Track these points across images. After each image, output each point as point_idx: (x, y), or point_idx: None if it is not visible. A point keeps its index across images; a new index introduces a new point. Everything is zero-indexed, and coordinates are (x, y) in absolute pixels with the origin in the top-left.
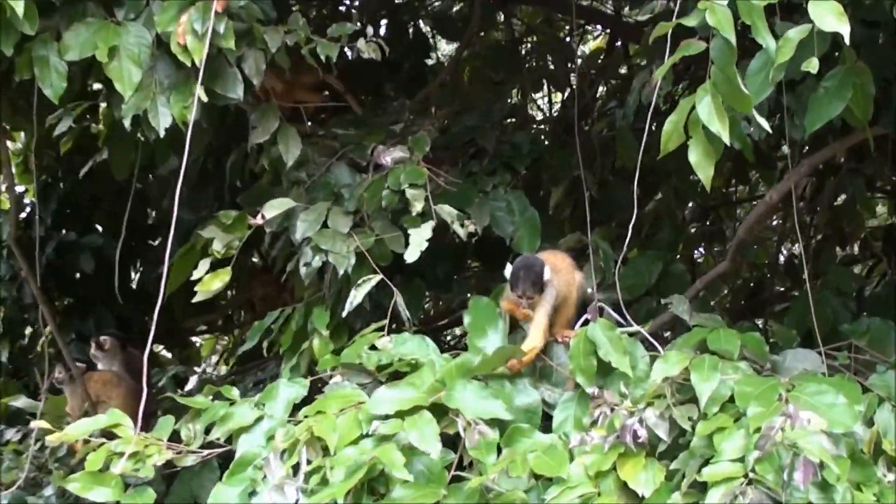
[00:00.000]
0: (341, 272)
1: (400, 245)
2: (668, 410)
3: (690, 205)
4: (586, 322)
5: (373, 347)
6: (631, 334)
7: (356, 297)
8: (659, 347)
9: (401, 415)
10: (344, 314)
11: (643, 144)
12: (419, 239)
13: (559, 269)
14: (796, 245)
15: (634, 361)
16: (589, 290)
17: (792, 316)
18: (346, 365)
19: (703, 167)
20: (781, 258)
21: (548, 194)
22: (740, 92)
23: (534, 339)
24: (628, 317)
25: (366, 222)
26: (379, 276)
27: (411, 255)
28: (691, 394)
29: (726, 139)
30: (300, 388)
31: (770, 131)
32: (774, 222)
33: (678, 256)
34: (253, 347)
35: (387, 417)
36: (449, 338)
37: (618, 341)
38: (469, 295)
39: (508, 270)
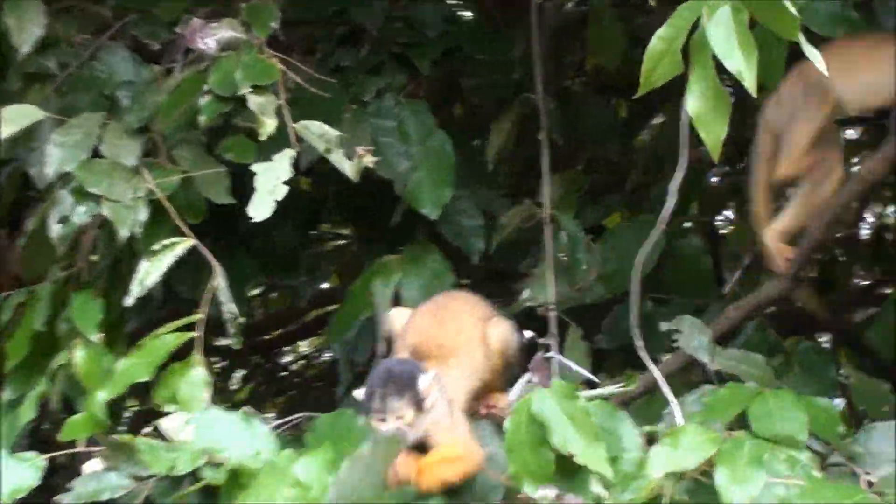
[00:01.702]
0: (123, 233)
1: (221, 191)
2: None
3: None
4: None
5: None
6: (604, 398)
7: (150, 273)
8: (674, 404)
9: None
10: (128, 302)
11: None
12: (271, 182)
13: (454, 355)
14: (890, 208)
15: (617, 446)
16: (527, 336)
17: (881, 332)
18: (110, 444)
19: (708, 124)
20: (864, 231)
21: (470, 113)
22: (782, 7)
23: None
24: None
25: (159, 150)
26: (189, 241)
27: (259, 210)
28: (714, 499)
29: (752, 86)
30: (28, 469)
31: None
32: (854, 167)
33: (690, 225)
34: None
35: None
36: (290, 360)
37: (584, 418)
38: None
39: (359, 392)
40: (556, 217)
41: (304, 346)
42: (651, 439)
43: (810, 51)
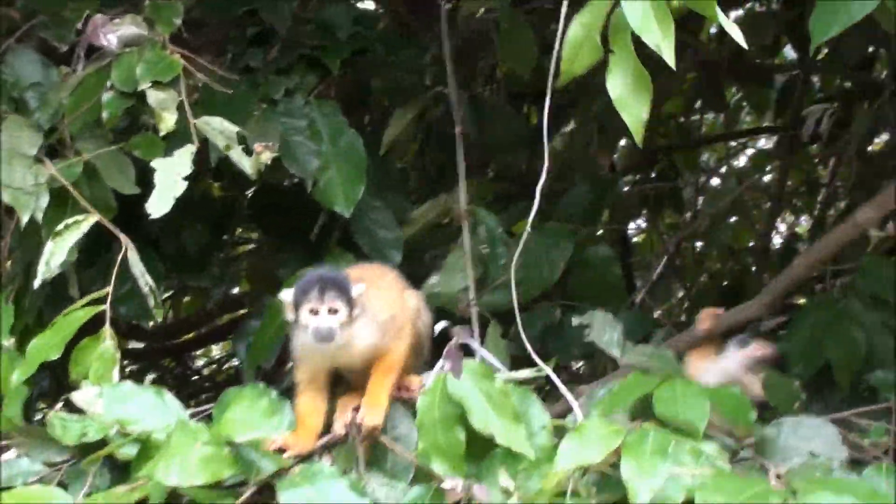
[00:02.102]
0: (24, 218)
1: (126, 180)
2: None
3: (623, 143)
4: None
5: (68, 407)
6: (520, 382)
7: (55, 253)
8: (573, 403)
9: None
10: (36, 283)
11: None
12: (171, 177)
13: (378, 287)
14: (802, 218)
15: (530, 430)
16: (443, 325)
17: (793, 343)
18: (23, 431)
19: (631, 106)
20: (777, 239)
21: (381, 115)
22: None
23: (374, 402)
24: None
25: (67, 147)
26: (93, 217)
27: (158, 206)
28: (621, 493)
29: (670, 59)
30: None
31: (745, 46)
32: (767, 177)
33: (600, 233)
34: None
35: None
36: (202, 364)
37: (503, 399)
38: (237, 290)
39: (287, 292)
40: (473, 211)
41: (215, 350)
42: (561, 430)
43: (731, 28)
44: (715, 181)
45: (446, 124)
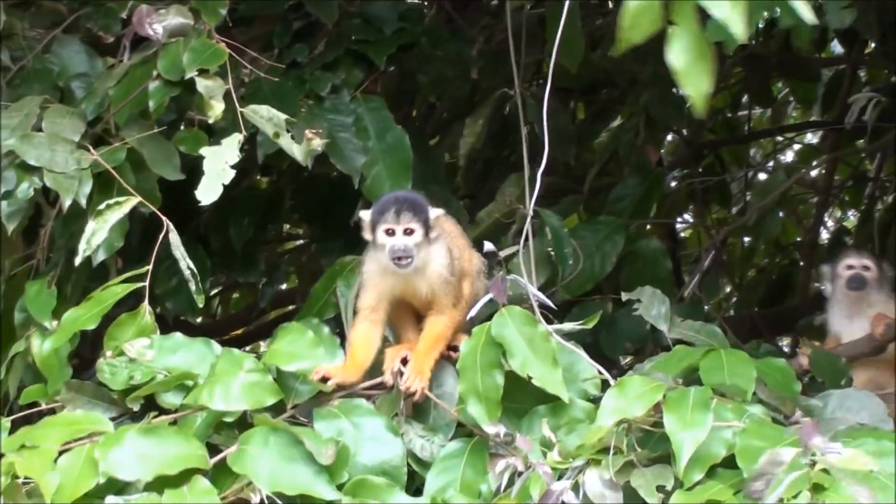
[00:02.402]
0: (66, 202)
1: (171, 167)
2: (625, 474)
3: (670, 138)
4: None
5: (120, 354)
6: (568, 336)
7: (97, 231)
8: (605, 373)
9: (162, 483)
10: (77, 260)
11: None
12: (219, 165)
13: (451, 234)
14: (850, 212)
15: (574, 383)
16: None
17: None
18: (73, 387)
19: (693, 77)
20: (824, 234)
21: (427, 110)
22: None
23: (421, 368)
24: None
25: (114, 137)
26: (134, 199)
27: (206, 194)
28: (664, 447)
29: (740, 34)
30: None
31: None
32: (814, 171)
33: (649, 228)
34: None
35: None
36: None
37: (543, 343)
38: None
39: (365, 212)
40: (538, 212)
41: (263, 347)
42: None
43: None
44: (762, 176)
45: (495, 120)
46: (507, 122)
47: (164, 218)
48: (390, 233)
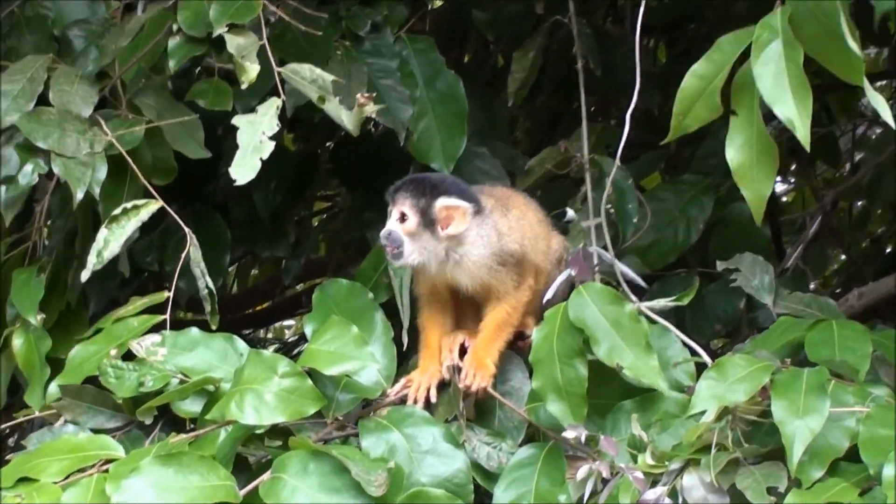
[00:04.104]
0: (78, 195)
1: (194, 144)
2: (730, 474)
3: None
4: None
5: (128, 356)
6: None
7: (110, 243)
8: (699, 349)
9: None
10: (84, 277)
11: None
12: (255, 136)
13: (513, 213)
14: None
15: (665, 372)
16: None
17: None
18: (70, 392)
19: (750, 179)
20: None
21: (483, 54)
22: (846, 48)
23: (481, 362)
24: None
25: (119, 99)
26: (156, 204)
27: (242, 171)
28: (774, 441)
29: (805, 138)
30: None
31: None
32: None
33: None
34: None
35: None
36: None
37: (633, 326)
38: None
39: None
40: (597, 160)
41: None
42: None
43: (875, 97)
44: (877, 129)
45: (561, 62)
46: (571, 61)
47: (187, 230)
48: (389, 215)
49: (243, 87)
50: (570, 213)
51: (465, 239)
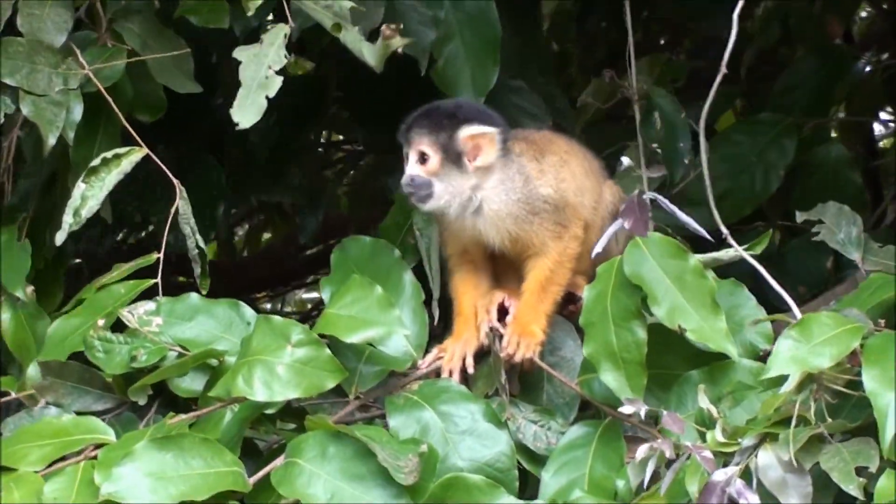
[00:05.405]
0: (50, 140)
1: (183, 76)
2: (812, 453)
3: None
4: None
5: (117, 327)
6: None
7: (88, 199)
8: (791, 303)
9: None
10: (59, 240)
11: None
12: (260, 71)
13: (551, 157)
14: None
15: (738, 335)
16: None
17: None
18: (52, 370)
19: None
20: None
21: None
22: None
23: (526, 328)
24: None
25: (98, 21)
26: (141, 151)
27: (245, 113)
28: (865, 414)
29: None
30: None
31: None
32: None
33: (830, 131)
34: None
35: None
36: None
37: (698, 281)
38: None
39: None
40: (647, 93)
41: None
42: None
43: None
44: None
45: None
46: None
47: (175, 180)
48: (406, 158)
49: (249, 13)
50: (626, 161)
51: (487, 180)
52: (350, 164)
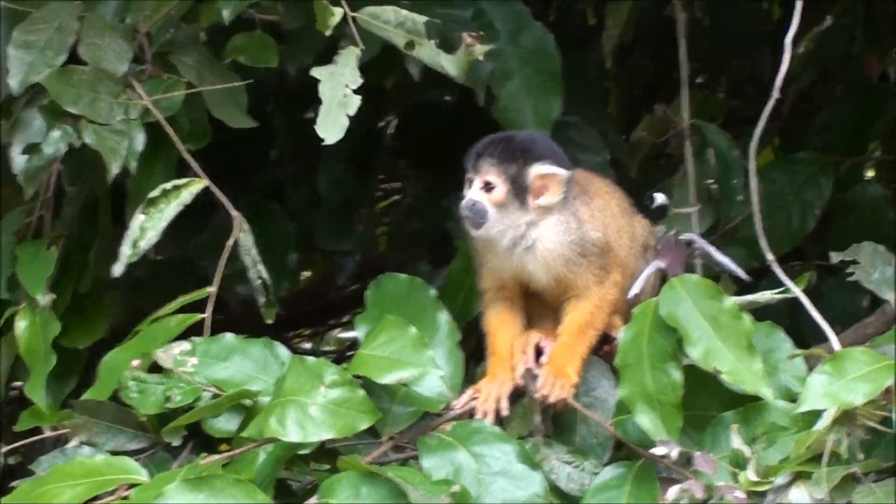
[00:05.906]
0: (114, 170)
1: (238, 110)
2: (845, 492)
3: None
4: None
5: (154, 368)
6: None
7: (147, 230)
8: (828, 331)
9: None
10: (117, 272)
11: None
12: (339, 90)
13: (597, 200)
14: None
15: (773, 377)
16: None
17: None
18: (87, 409)
19: None
20: None
21: (566, 5)
22: None
23: (561, 370)
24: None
25: (146, 53)
26: (200, 182)
27: (329, 129)
28: None
29: None
30: None
31: None
32: None
33: (872, 171)
34: None
35: None
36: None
37: (733, 324)
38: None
39: None
40: (699, 128)
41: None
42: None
43: None
44: None
45: (660, 19)
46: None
47: (234, 212)
48: (469, 184)
49: (327, 33)
50: (660, 197)
51: (544, 218)
52: (390, 204)
